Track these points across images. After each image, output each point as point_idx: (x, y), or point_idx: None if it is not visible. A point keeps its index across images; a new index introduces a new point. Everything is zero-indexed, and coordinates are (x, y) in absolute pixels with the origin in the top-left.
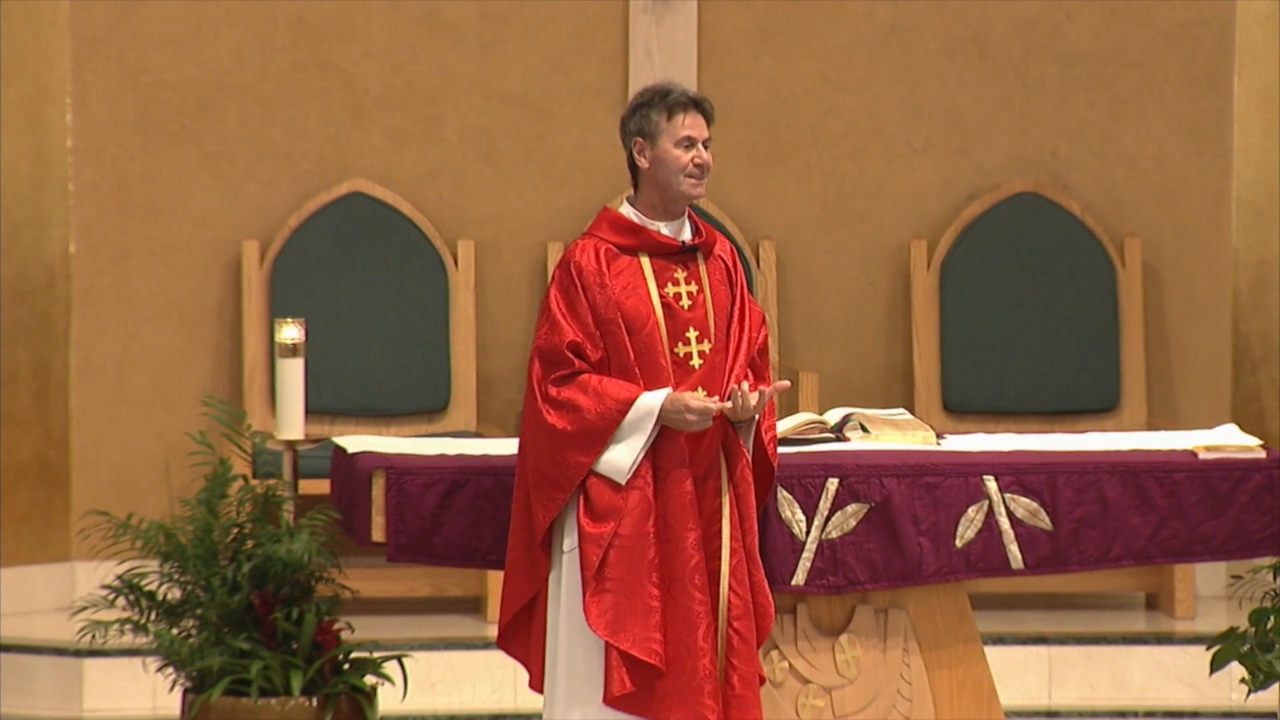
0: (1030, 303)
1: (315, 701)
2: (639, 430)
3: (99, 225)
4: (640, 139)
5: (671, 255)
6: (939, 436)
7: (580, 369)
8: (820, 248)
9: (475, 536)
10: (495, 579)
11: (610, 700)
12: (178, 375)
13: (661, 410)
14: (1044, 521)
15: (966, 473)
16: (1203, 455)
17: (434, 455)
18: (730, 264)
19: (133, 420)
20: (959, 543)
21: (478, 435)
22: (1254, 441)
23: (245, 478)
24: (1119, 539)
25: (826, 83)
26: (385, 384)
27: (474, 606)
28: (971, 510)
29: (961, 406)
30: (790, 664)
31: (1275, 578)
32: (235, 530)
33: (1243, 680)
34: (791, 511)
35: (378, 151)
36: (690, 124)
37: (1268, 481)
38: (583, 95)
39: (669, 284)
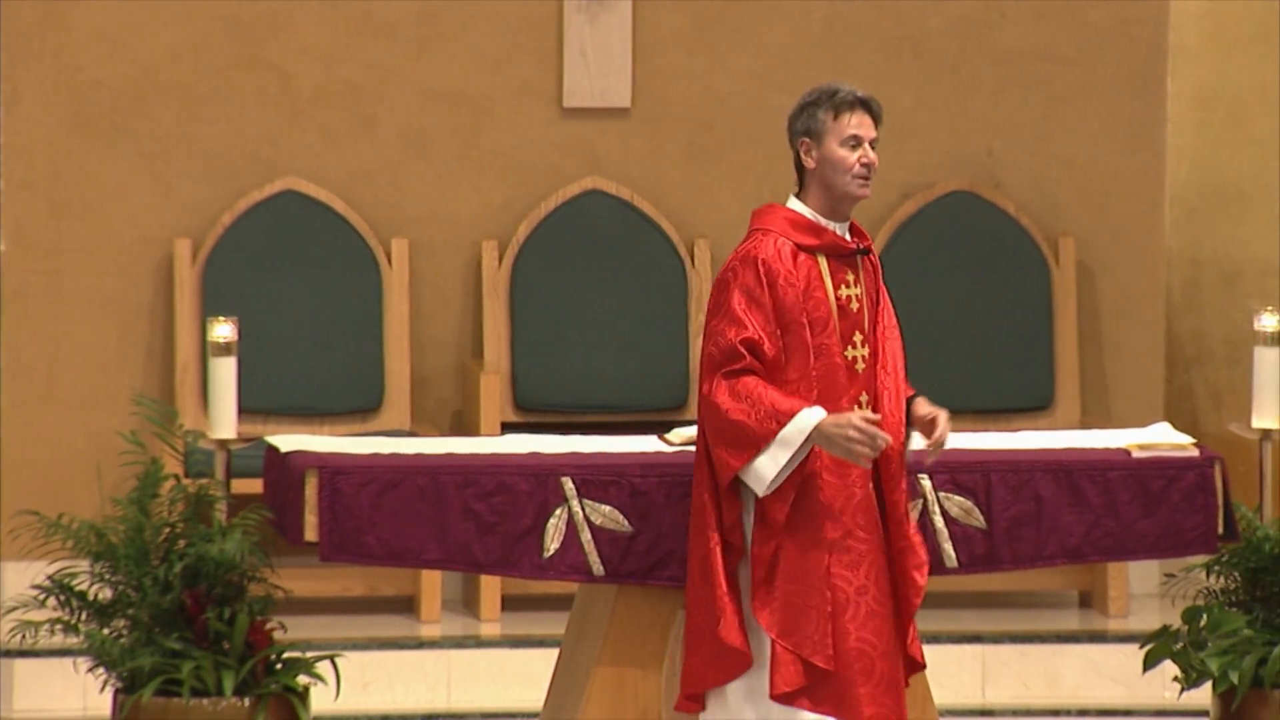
0: (964, 301)
1: (247, 702)
2: (789, 444)
3: (30, 224)
4: (807, 139)
5: (844, 257)
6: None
7: (751, 365)
8: None
9: (409, 536)
10: (429, 578)
11: (777, 696)
12: (109, 374)
13: (819, 428)
14: (978, 520)
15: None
16: (1136, 454)
17: (367, 454)
18: (876, 269)
19: (64, 419)
20: None
21: (411, 434)
22: (1187, 440)
23: (177, 477)
24: (1053, 538)
25: (762, 81)
26: (318, 383)
27: (408, 606)
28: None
29: None
30: None
31: (1208, 576)
32: (167, 530)
33: (1175, 679)
34: None
35: (311, 150)
36: (857, 123)
37: (1200, 480)
38: (517, 94)
39: (842, 285)
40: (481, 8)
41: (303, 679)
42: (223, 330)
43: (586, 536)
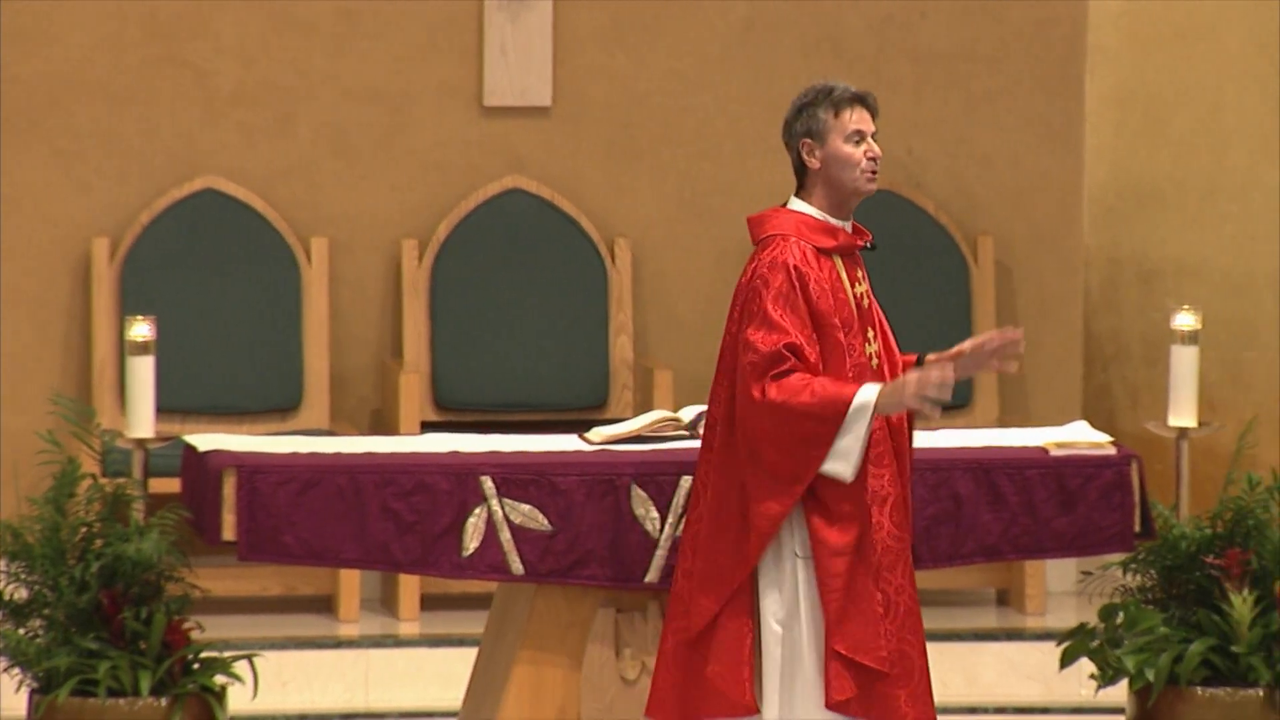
0: (884, 300)
1: (164, 702)
2: (860, 421)
3: None
4: (809, 139)
5: (851, 254)
6: None
7: (796, 368)
8: (675, 246)
9: (328, 535)
10: (348, 577)
11: (833, 705)
12: (26, 373)
13: (880, 396)
14: None
15: None
16: (1054, 452)
17: (286, 453)
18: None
19: None
20: None
21: (330, 433)
22: (1104, 439)
23: (94, 476)
24: (971, 536)
25: (682, 80)
26: (237, 382)
27: (326, 605)
28: None
29: None
30: (644, 661)
31: (1125, 574)
32: (84, 529)
33: (1092, 676)
34: (645, 509)
35: (230, 148)
36: (858, 119)
37: (1118, 478)
38: (437, 92)
39: (855, 283)
40: (401, 6)
41: (220, 679)
42: (141, 329)
43: (506, 535)
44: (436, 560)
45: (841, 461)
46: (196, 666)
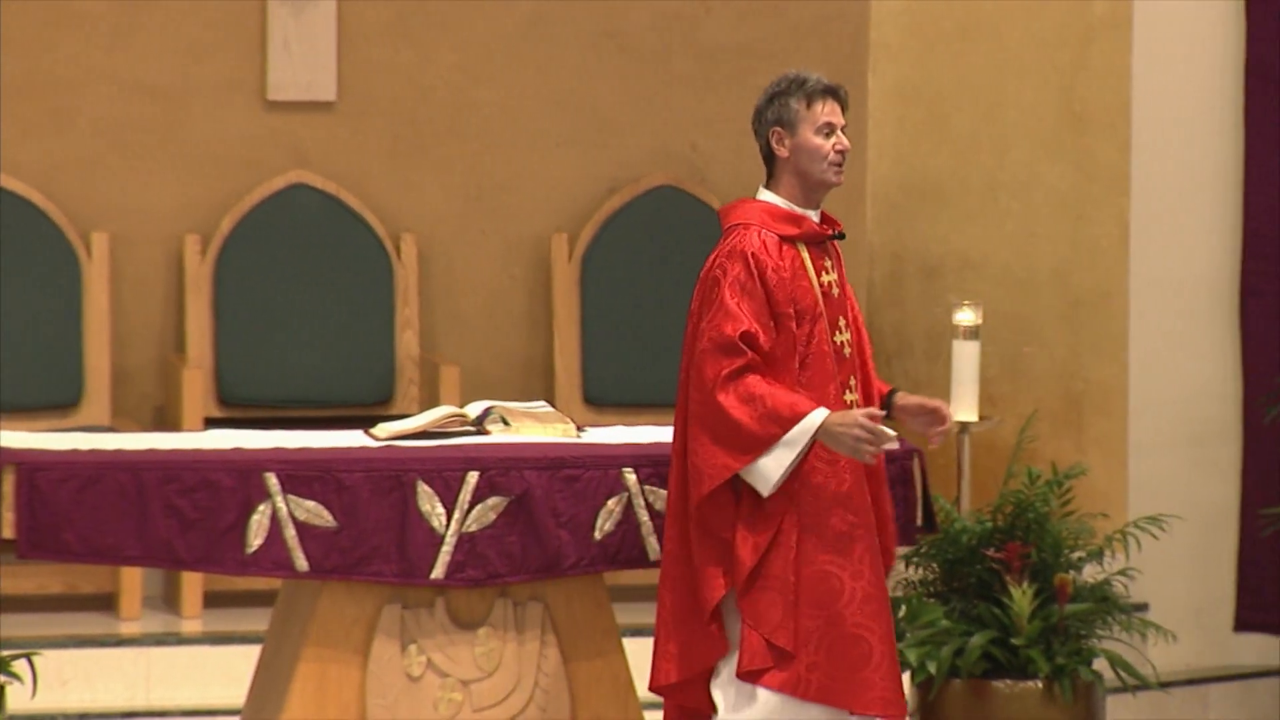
0: (669, 296)
1: None
2: (794, 445)
3: None
4: (779, 128)
5: (820, 244)
6: (579, 429)
7: (752, 361)
8: (461, 241)
9: (110, 533)
10: (130, 575)
11: (744, 675)
12: None
13: (824, 426)
14: None
15: (606, 465)
16: None
17: (67, 450)
18: (839, 251)
19: None
20: (598, 535)
21: (112, 430)
22: (891, 434)
23: None
24: None
25: (466, 75)
26: (15, 377)
27: (107, 603)
28: (611, 503)
29: (602, 399)
30: (429, 658)
31: (906, 567)
32: None
33: None
34: (431, 505)
35: (9, 143)
36: (829, 111)
37: (900, 472)
38: (219, 87)
39: (822, 272)
40: (183, 2)
41: None
42: None
43: (290, 532)
44: (220, 557)
45: (758, 478)
46: None
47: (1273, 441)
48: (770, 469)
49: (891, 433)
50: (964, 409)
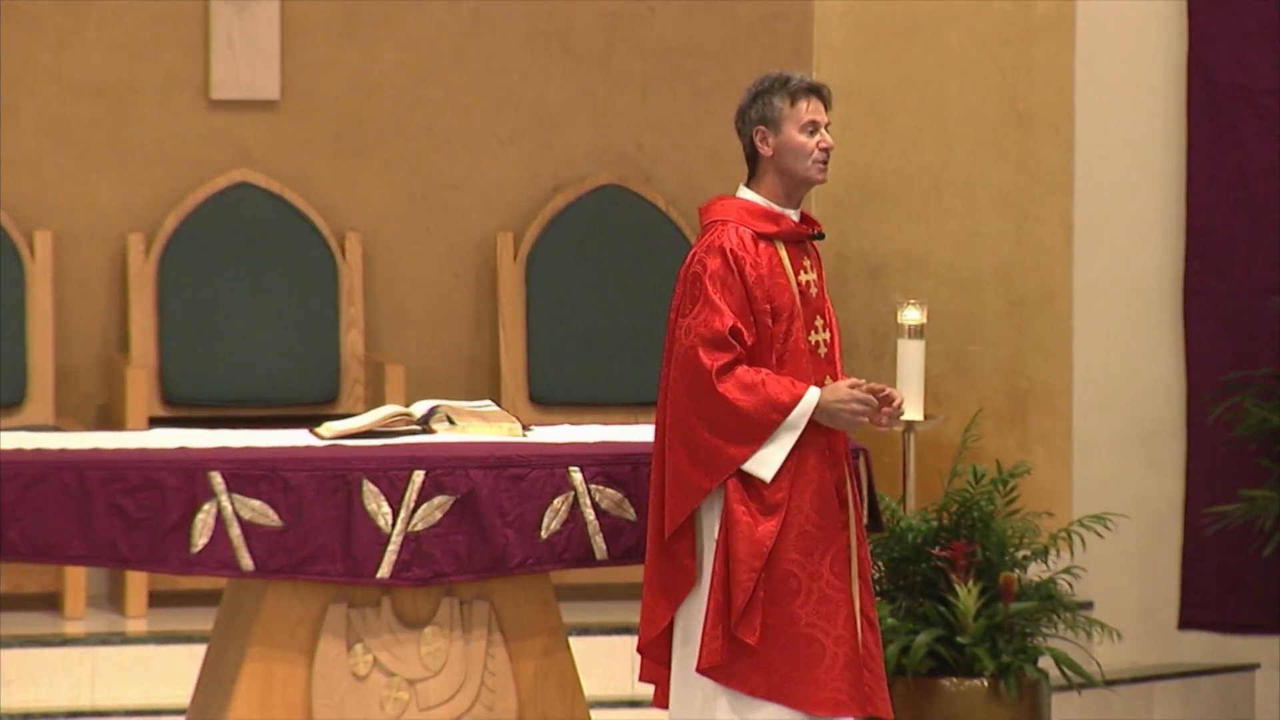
0: (615, 295)
1: None
2: (794, 429)
3: None
4: (763, 127)
5: (799, 242)
6: (525, 428)
7: (740, 355)
8: (406, 240)
9: (54, 532)
10: (74, 574)
11: (704, 671)
12: None
13: (819, 405)
14: (629, 512)
15: (552, 464)
16: None
17: (10, 450)
18: (818, 251)
19: None
20: (544, 534)
21: (56, 429)
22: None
23: None
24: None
25: (411, 74)
26: None
27: (51, 603)
28: (557, 502)
29: (548, 398)
30: (375, 657)
31: None
32: None
33: None
34: (377, 504)
35: None
36: (813, 109)
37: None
38: (163, 85)
39: (801, 271)
40: (126, 1)
41: None
42: None
43: (236, 531)
44: (165, 557)
45: (760, 465)
46: None
47: (1216, 440)
48: (774, 455)
49: (882, 386)
50: (909, 408)
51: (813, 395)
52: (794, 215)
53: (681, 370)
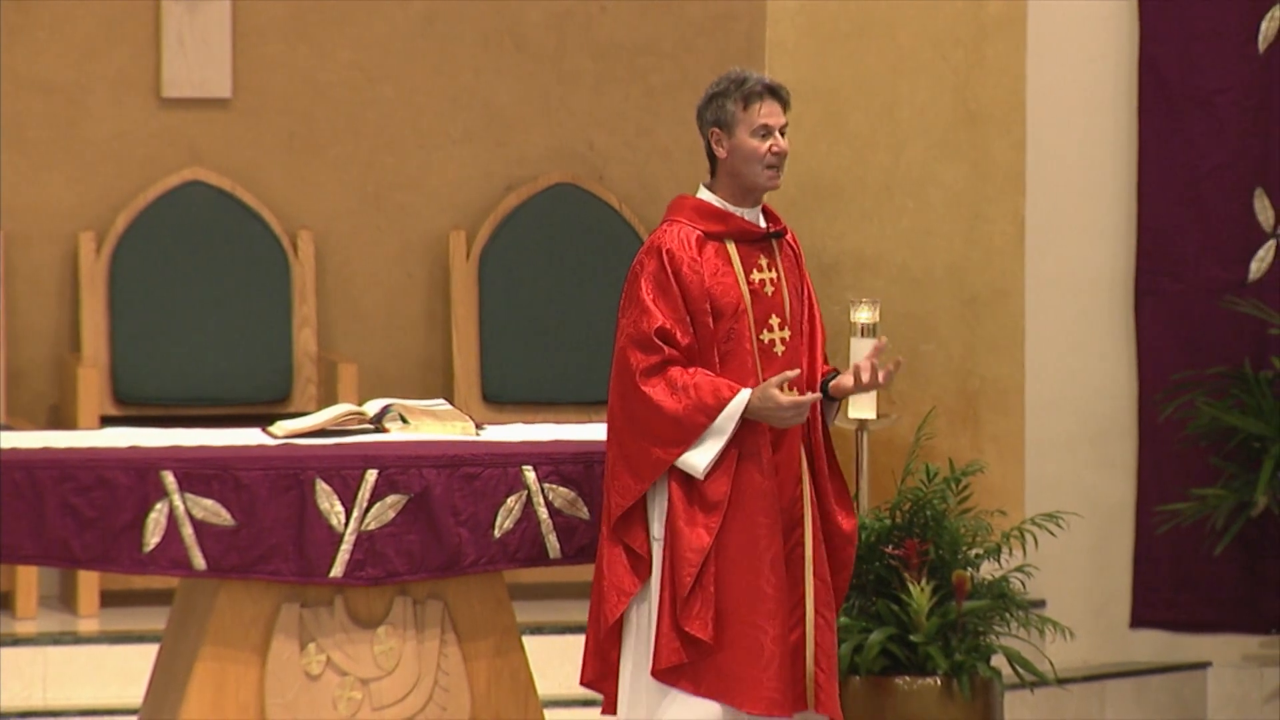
0: (568, 293)
1: None
2: (722, 432)
3: None
4: (717, 129)
5: (755, 242)
6: (478, 427)
7: (670, 356)
8: (359, 238)
9: (5, 532)
10: (25, 573)
11: (659, 673)
12: None
13: (749, 408)
14: (582, 511)
15: (505, 463)
16: None
17: None
18: (796, 251)
19: None
20: (497, 533)
21: (7, 429)
22: (812, 397)
23: None
24: None
25: (363, 73)
26: None
27: (3, 602)
28: (510, 500)
29: (501, 397)
30: (328, 656)
31: None
32: None
33: None
34: (330, 503)
35: None
36: (767, 112)
37: None
38: (114, 84)
39: (754, 270)
40: None
41: None
42: None
43: (188, 531)
44: (117, 556)
45: (689, 466)
46: None
47: (1168, 439)
48: (699, 458)
49: (813, 396)
50: (862, 407)
51: (741, 398)
52: (747, 214)
53: (614, 370)
